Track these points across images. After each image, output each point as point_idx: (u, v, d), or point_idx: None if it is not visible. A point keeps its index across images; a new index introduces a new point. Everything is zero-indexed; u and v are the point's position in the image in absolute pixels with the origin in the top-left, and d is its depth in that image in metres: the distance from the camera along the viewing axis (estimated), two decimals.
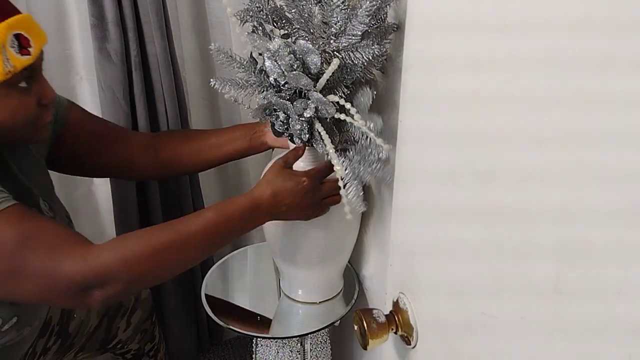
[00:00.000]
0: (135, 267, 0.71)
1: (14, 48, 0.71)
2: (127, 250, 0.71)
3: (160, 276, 0.79)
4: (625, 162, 0.28)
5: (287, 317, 1.01)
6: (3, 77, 0.70)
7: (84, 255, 0.69)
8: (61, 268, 0.68)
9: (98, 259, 0.69)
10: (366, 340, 0.57)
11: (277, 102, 0.76)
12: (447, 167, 0.47)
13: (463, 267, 0.46)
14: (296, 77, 0.72)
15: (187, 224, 0.75)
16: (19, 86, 0.74)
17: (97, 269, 0.69)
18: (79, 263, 0.69)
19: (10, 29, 0.71)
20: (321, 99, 0.72)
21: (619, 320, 0.30)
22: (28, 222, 0.70)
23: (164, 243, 0.73)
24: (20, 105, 0.74)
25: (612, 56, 0.28)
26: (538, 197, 0.35)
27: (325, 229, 0.89)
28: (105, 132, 1.00)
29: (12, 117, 0.74)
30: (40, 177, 0.91)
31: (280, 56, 0.72)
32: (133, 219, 1.30)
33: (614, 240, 0.30)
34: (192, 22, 1.34)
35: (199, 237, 0.75)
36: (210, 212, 0.77)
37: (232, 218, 0.78)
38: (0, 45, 0.69)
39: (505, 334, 0.41)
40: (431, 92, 0.50)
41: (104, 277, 0.69)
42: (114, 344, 1.17)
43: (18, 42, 0.72)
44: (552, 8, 0.32)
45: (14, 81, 0.72)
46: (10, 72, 0.70)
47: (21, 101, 0.74)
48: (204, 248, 0.78)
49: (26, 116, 0.76)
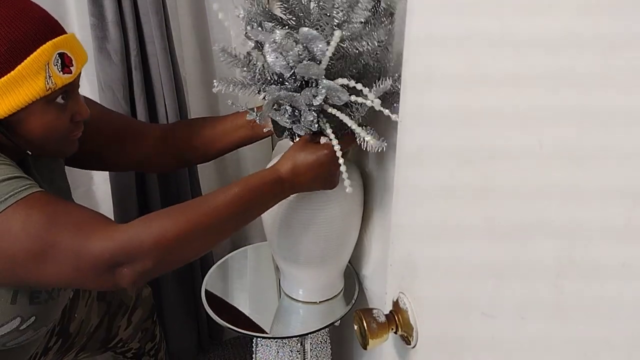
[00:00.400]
0: (164, 243, 0.70)
1: (57, 66, 0.74)
2: (156, 226, 0.70)
3: (190, 253, 0.77)
4: (625, 176, 0.28)
5: (287, 316, 1.01)
6: (43, 93, 0.73)
7: (111, 233, 0.69)
8: (89, 246, 0.67)
9: (125, 234, 0.69)
10: (366, 340, 0.57)
11: (284, 95, 0.75)
12: (447, 175, 0.47)
13: (463, 266, 0.46)
14: (306, 67, 0.71)
15: (215, 199, 0.75)
16: (56, 102, 0.76)
17: (125, 244, 0.68)
18: (106, 240, 0.68)
19: (56, 48, 0.74)
20: (332, 85, 0.72)
21: (619, 332, 0.30)
22: (54, 205, 0.71)
23: (193, 219, 0.72)
24: (55, 121, 0.77)
25: (611, 70, 0.28)
26: (538, 207, 0.35)
27: (326, 228, 0.89)
28: (123, 127, 1.01)
29: (46, 131, 0.77)
30: (60, 182, 0.93)
31: (287, 48, 0.71)
32: (133, 219, 1.30)
33: (614, 252, 0.30)
34: (192, 22, 1.34)
35: (227, 211, 0.74)
36: (236, 187, 0.76)
37: (257, 191, 0.77)
38: (45, 63, 0.73)
39: (505, 334, 0.41)
40: (431, 104, 0.50)
41: (132, 253, 0.68)
42: (114, 343, 1.17)
43: (62, 60, 0.75)
44: (553, 22, 0.32)
45: (52, 97, 0.75)
46: (50, 89, 0.73)
47: (56, 117, 0.77)
48: (232, 222, 0.77)
49: (59, 131, 0.79)
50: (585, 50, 0.30)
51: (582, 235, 0.32)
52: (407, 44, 0.52)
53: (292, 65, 0.73)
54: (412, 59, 0.52)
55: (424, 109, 0.51)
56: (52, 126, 0.77)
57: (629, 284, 0.29)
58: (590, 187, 0.31)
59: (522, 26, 0.35)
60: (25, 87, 0.72)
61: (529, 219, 0.36)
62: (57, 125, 0.78)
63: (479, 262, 0.43)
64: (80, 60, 0.78)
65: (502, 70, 0.37)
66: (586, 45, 0.30)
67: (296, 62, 0.72)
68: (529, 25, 0.34)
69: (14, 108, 0.72)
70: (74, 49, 0.77)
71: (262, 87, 0.79)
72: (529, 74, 0.35)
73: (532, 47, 0.34)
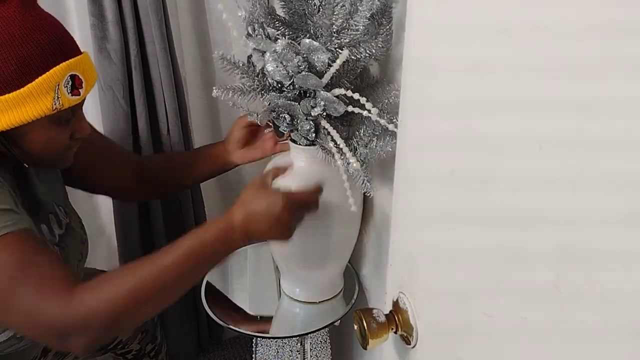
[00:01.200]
0: (117, 315, 0.69)
1: (67, 88, 0.73)
2: (110, 298, 0.69)
3: (143, 317, 0.77)
4: (626, 166, 0.28)
5: (287, 316, 1.01)
6: (49, 112, 0.72)
7: (67, 302, 0.67)
8: (45, 308, 0.67)
9: (80, 307, 0.67)
10: (366, 340, 0.57)
11: (283, 104, 0.76)
12: (447, 167, 0.47)
13: (463, 266, 0.46)
14: (305, 78, 0.72)
15: (167, 258, 0.72)
16: (60, 120, 0.76)
17: (77, 317, 0.67)
18: (61, 309, 0.67)
19: (69, 70, 0.73)
20: (330, 97, 0.72)
21: (619, 321, 0.30)
22: (27, 252, 0.69)
23: (146, 282, 0.70)
24: (56, 137, 0.77)
25: (612, 60, 0.28)
26: (538, 198, 0.35)
27: (326, 228, 0.89)
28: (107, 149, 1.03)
29: (46, 146, 0.77)
30: (56, 184, 0.93)
31: (287, 58, 0.72)
32: (133, 219, 1.31)
33: (614, 241, 0.30)
34: (192, 22, 1.34)
35: (178, 270, 0.72)
36: (189, 241, 0.74)
37: (209, 244, 0.74)
38: (55, 84, 0.72)
39: (505, 334, 0.41)
40: (431, 95, 0.50)
41: (83, 326, 0.68)
42: (114, 344, 1.17)
43: (72, 82, 0.74)
44: (553, 12, 0.32)
45: (57, 116, 0.75)
46: (56, 109, 0.73)
47: (58, 133, 0.77)
48: (185, 278, 0.74)
49: (59, 147, 0.79)
50: (586, 40, 0.30)
51: (582, 228, 0.32)
52: (408, 33, 0.52)
53: (291, 75, 0.73)
54: (413, 49, 0.52)
55: (424, 108, 0.51)
56: (53, 142, 0.77)
57: (630, 275, 0.29)
58: (591, 177, 0.31)
59: (523, 16, 0.35)
60: (31, 105, 0.71)
61: (529, 218, 0.36)
62: (58, 141, 0.78)
63: (479, 262, 0.43)
64: (90, 82, 0.78)
65: (502, 60, 0.37)
66: (586, 35, 0.30)
67: (295, 73, 0.72)
68: (530, 16, 0.34)
69: (17, 123, 0.72)
70: (85, 71, 0.77)
71: (261, 94, 0.79)
72: (529, 65, 0.34)
73: (532, 38, 0.34)
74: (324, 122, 0.76)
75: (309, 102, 0.74)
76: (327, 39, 0.74)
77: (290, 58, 0.71)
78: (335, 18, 0.73)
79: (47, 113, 0.72)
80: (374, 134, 0.76)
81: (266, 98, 0.78)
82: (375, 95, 0.78)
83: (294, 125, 0.79)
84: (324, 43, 0.74)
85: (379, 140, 0.75)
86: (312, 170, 0.88)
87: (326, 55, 0.71)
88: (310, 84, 0.72)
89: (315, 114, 0.74)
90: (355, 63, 0.76)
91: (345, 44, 0.74)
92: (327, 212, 0.87)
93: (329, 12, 0.73)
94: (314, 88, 0.73)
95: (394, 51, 0.80)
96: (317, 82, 0.72)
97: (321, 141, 0.78)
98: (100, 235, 1.39)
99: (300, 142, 0.84)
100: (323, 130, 0.77)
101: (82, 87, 0.76)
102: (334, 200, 0.87)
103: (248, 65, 0.81)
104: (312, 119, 0.76)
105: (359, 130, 0.77)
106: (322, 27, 0.74)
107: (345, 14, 0.72)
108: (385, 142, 0.75)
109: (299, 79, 0.72)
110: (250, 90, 0.80)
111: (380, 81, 0.83)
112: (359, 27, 0.71)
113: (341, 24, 0.73)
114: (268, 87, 0.79)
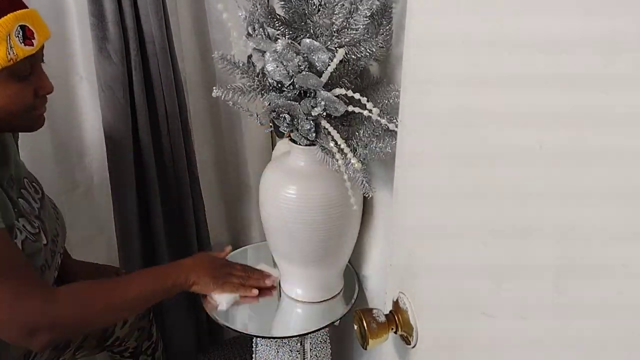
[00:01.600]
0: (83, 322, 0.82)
1: (18, 38, 0.76)
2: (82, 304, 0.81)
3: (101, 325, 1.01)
4: (624, 177, 0.28)
5: (287, 316, 1.01)
6: (5, 63, 0.75)
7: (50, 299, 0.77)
8: (23, 306, 0.75)
9: (57, 307, 0.77)
10: (366, 340, 0.57)
11: (283, 104, 0.76)
12: (447, 167, 0.47)
13: (463, 266, 0.46)
14: (305, 77, 0.72)
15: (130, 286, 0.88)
16: (19, 75, 0.78)
17: (54, 315, 0.77)
18: (43, 305, 0.76)
19: (17, 20, 0.76)
20: (330, 97, 0.72)
21: (619, 320, 0.30)
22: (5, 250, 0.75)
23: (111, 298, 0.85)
24: (18, 93, 0.79)
25: (611, 72, 0.28)
26: (538, 207, 0.35)
27: (325, 228, 0.89)
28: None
29: (10, 104, 0.79)
30: (18, 158, 0.96)
31: (287, 58, 0.72)
32: (133, 219, 1.31)
33: (613, 252, 0.30)
34: (192, 22, 1.34)
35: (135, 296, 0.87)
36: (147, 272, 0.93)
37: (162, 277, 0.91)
38: (6, 34, 0.74)
39: (505, 334, 0.41)
40: (430, 104, 0.50)
41: (53, 324, 0.77)
42: (111, 341, 1.17)
43: (23, 32, 0.76)
44: (552, 23, 0.32)
45: (15, 70, 0.77)
46: (12, 60, 0.75)
47: (20, 89, 0.79)
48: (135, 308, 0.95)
49: (23, 104, 0.80)
50: (584, 51, 0.30)
51: (582, 235, 0.32)
52: (407, 44, 0.52)
53: (291, 74, 0.73)
54: (412, 60, 0.52)
55: (424, 109, 0.51)
56: (16, 99, 0.79)
57: (629, 284, 0.29)
58: (590, 188, 0.31)
59: (522, 27, 0.35)
60: None
61: (529, 219, 0.36)
62: (21, 98, 0.79)
63: (479, 262, 0.43)
64: (42, 34, 0.80)
65: (501, 71, 0.37)
66: (585, 46, 0.30)
67: (295, 73, 0.72)
68: (528, 26, 0.34)
69: None
70: (35, 23, 0.79)
71: (261, 94, 0.79)
72: (528, 75, 0.35)
73: (531, 48, 0.34)
74: (324, 122, 0.76)
75: (309, 102, 0.74)
76: (327, 39, 0.74)
77: (290, 58, 0.71)
78: (335, 18, 0.73)
79: (3, 64, 0.74)
80: (373, 135, 0.76)
81: (266, 98, 0.78)
82: (375, 95, 0.78)
83: (294, 125, 0.79)
84: (324, 43, 0.74)
85: (378, 141, 0.75)
86: (312, 170, 0.88)
87: (326, 55, 0.71)
88: (311, 83, 0.72)
89: (315, 114, 0.74)
90: (355, 63, 0.76)
91: (345, 44, 0.74)
92: (327, 212, 0.87)
93: (329, 12, 0.73)
94: (314, 88, 0.73)
95: (394, 51, 0.80)
96: (317, 82, 0.72)
97: (321, 141, 0.78)
98: (100, 235, 1.39)
99: (300, 142, 0.84)
100: (323, 130, 0.77)
101: (35, 37, 0.78)
102: (334, 199, 0.87)
103: (248, 65, 0.81)
104: (313, 118, 0.76)
105: (359, 131, 0.77)
106: (322, 26, 0.74)
107: (345, 13, 0.72)
108: (384, 143, 0.75)
109: (299, 78, 0.72)
110: (250, 90, 0.80)
111: (381, 81, 0.84)
112: (359, 26, 0.71)
113: (341, 24, 0.73)
114: (268, 87, 0.79)
